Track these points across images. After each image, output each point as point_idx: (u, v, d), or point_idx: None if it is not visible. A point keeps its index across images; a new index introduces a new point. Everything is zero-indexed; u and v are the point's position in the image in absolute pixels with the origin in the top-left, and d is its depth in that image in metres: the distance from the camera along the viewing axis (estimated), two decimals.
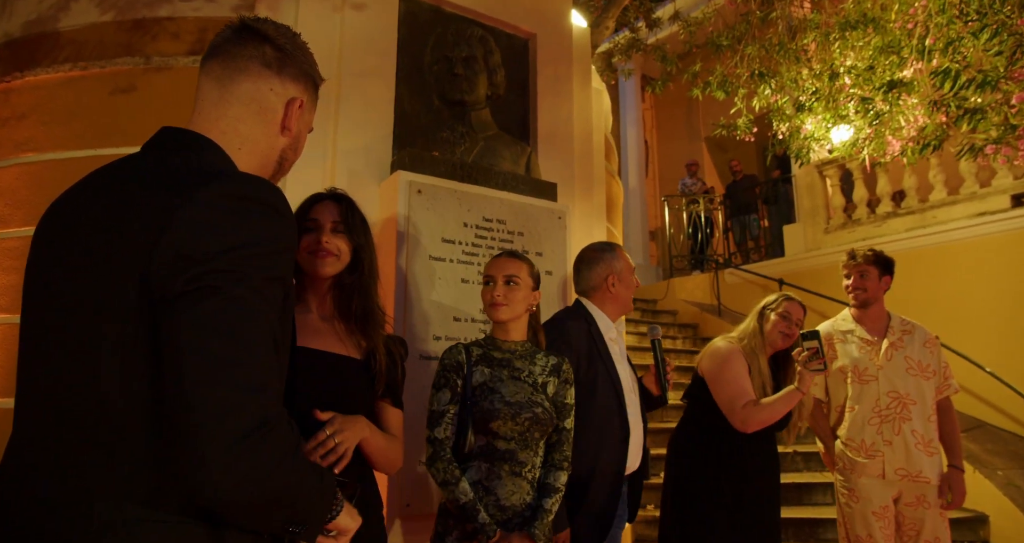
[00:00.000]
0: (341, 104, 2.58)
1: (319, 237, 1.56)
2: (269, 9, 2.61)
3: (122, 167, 0.95)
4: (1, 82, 2.90)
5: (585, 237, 3.21)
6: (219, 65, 1.04)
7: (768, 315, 2.51)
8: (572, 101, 3.31)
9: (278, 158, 1.10)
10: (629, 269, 2.32)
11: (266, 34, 1.06)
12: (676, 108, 11.61)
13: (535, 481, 1.79)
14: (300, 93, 1.09)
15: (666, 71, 6.85)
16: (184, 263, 0.80)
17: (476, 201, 2.60)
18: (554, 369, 1.90)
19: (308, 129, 1.16)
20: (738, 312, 7.78)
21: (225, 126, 1.02)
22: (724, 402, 2.35)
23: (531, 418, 1.75)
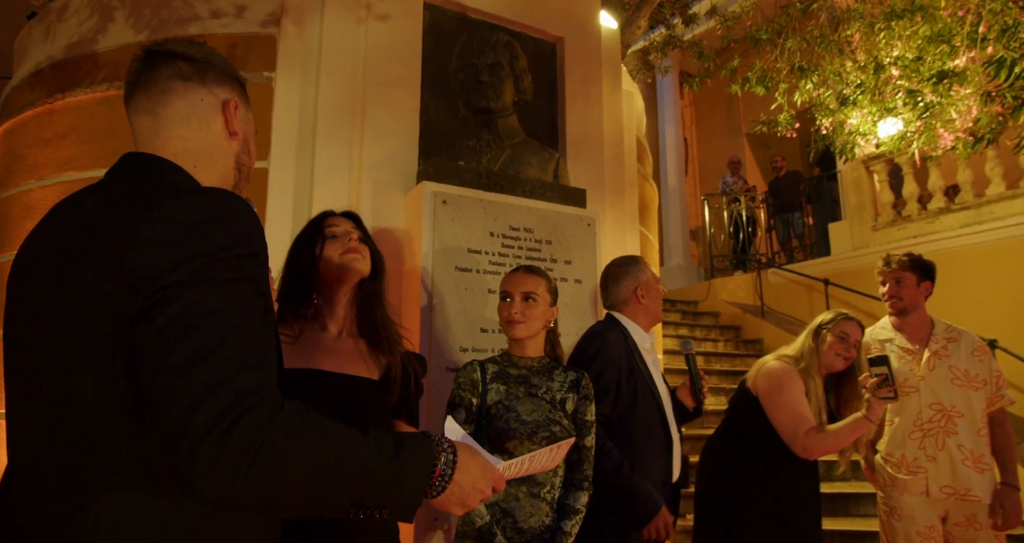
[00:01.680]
0: (367, 115, 2.59)
1: (345, 240, 1.59)
2: (294, 23, 2.64)
3: (91, 193, 0.97)
4: (44, 103, 3.00)
5: (616, 243, 3.15)
6: (143, 97, 1.03)
7: (824, 335, 2.39)
8: (602, 104, 3.25)
9: (235, 165, 1.09)
10: (655, 280, 2.31)
11: (173, 52, 1.04)
12: (716, 105, 11.38)
13: (555, 502, 1.74)
14: (230, 94, 1.08)
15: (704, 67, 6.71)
16: (143, 282, 0.81)
17: (502, 210, 2.57)
18: (573, 385, 1.85)
19: (254, 131, 1.15)
20: (782, 313, 7.57)
21: (173, 148, 1.01)
22: (784, 427, 2.26)
23: (549, 437, 1.70)
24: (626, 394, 2.07)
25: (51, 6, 3.32)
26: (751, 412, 2.35)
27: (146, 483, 0.83)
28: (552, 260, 2.64)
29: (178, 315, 0.80)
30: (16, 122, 3.15)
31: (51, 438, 0.86)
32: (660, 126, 10.86)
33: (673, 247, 10.26)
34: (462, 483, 0.94)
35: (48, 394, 0.86)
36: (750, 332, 7.54)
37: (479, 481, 0.96)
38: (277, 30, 2.68)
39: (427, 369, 1.74)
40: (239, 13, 2.76)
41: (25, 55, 3.39)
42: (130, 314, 0.81)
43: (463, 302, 2.43)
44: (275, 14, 2.72)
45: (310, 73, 2.62)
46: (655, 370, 2.23)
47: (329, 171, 2.52)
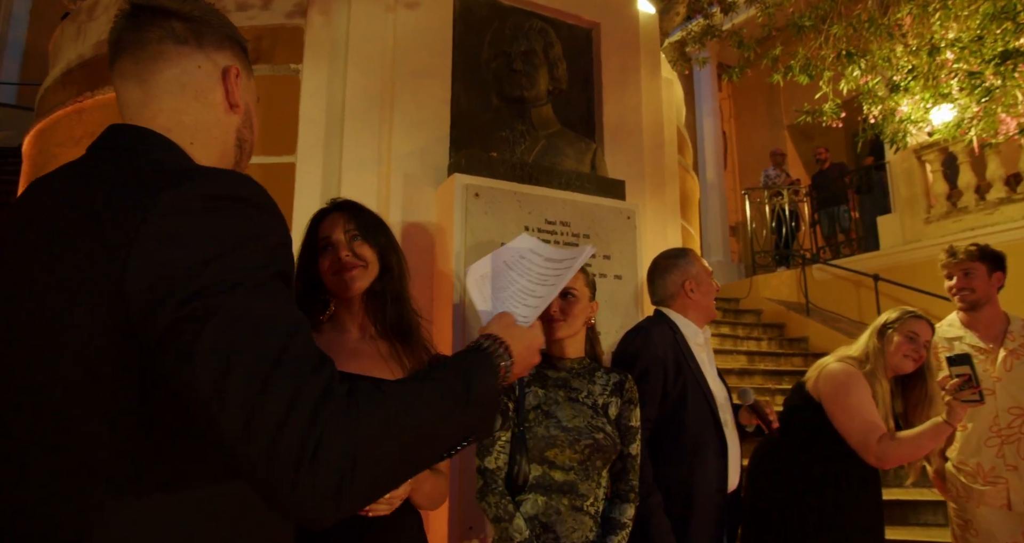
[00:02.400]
0: (396, 106, 2.50)
1: (337, 253, 1.45)
2: (321, 13, 2.55)
3: (76, 173, 0.82)
4: (74, 102, 2.98)
5: (657, 237, 3.00)
6: (130, 61, 0.88)
7: (890, 335, 2.21)
8: (640, 92, 3.11)
9: (236, 141, 0.95)
10: (706, 273, 2.14)
11: (166, 8, 0.89)
12: (755, 96, 11.07)
13: (598, 516, 1.60)
14: (231, 60, 0.93)
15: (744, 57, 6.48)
16: (164, 287, 0.68)
17: (537, 203, 2.45)
18: (616, 388, 1.72)
19: (256, 100, 1.01)
20: (828, 310, 7.29)
21: (165, 122, 0.87)
22: (854, 433, 2.10)
23: (592, 445, 1.58)
24: (674, 395, 1.93)
25: (81, 6, 3.31)
26: (812, 417, 2.18)
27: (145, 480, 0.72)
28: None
29: (226, 326, 0.67)
30: (49, 122, 3.15)
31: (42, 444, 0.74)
32: (698, 119, 10.61)
33: (712, 243, 10.00)
34: (520, 357, 0.94)
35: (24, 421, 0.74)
36: (794, 330, 7.28)
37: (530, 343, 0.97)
38: (304, 21, 2.60)
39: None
40: (265, 4, 2.69)
41: (58, 55, 3.39)
42: (156, 328, 0.68)
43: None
44: (301, 4, 2.65)
45: (337, 64, 2.53)
46: (709, 368, 2.08)
47: (357, 165, 2.43)
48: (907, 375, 2.23)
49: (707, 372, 2.04)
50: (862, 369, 2.18)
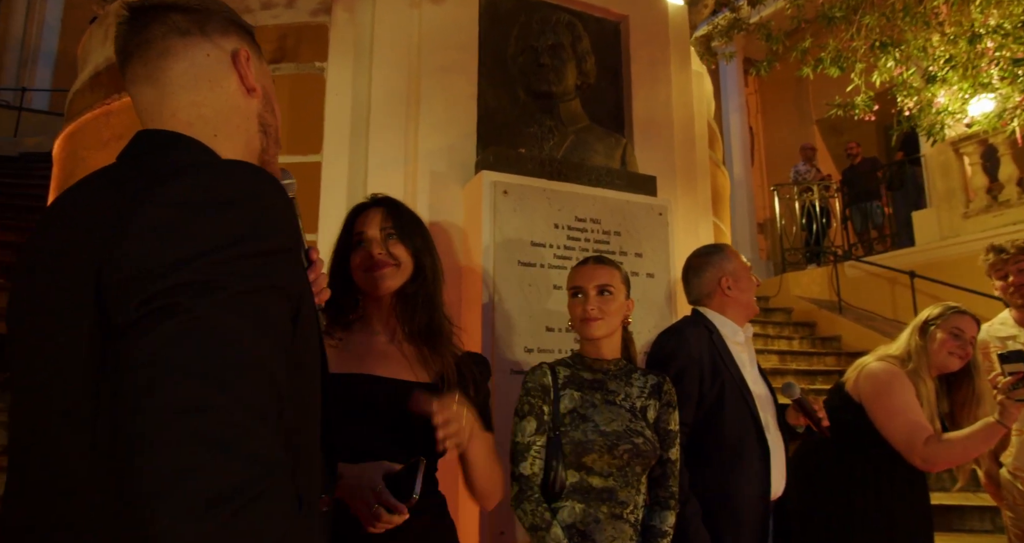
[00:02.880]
0: (422, 103, 2.45)
1: (369, 249, 1.41)
2: (346, 10, 2.52)
3: (94, 178, 0.81)
4: (102, 105, 2.99)
5: (690, 234, 2.92)
6: (139, 64, 0.85)
7: (933, 332, 2.12)
8: (670, 86, 3.03)
9: (259, 127, 0.91)
10: (744, 269, 2.05)
11: (163, 4, 0.87)
12: (783, 90, 10.87)
13: (638, 523, 1.54)
14: (238, 43, 0.89)
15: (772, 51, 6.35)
16: (141, 279, 0.62)
17: (567, 200, 2.39)
18: (654, 390, 1.65)
19: (272, 84, 0.96)
20: (861, 308, 7.12)
21: (186, 118, 0.83)
22: (898, 435, 2.01)
23: (631, 450, 1.51)
24: (711, 397, 1.85)
25: (109, 9, 3.33)
26: (854, 419, 2.10)
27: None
28: (622, 253, 2.44)
29: (179, 334, 0.59)
30: (77, 125, 3.17)
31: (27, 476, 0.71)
32: (724, 115, 10.46)
33: (740, 241, 9.84)
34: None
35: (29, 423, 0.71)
36: (826, 329, 7.12)
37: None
38: (328, 18, 2.57)
39: (491, 370, 1.56)
40: (290, 3, 2.67)
41: (86, 59, 3.41)
42: (122, 321, 0.61)
43: (527, 299, 2.26)
44: (326, 2, 2.62)
45: (363, 62, 2.50)
46: (750, 368, 1.99)
47: (384, 163, 2.39)
48: (952, 374, 2.14)
49: (748, 373, 1.95)
50: (904, 368, 2.10)
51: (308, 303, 0.79)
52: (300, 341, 0.74)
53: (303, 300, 0.75)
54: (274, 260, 0.68)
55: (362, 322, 1.45)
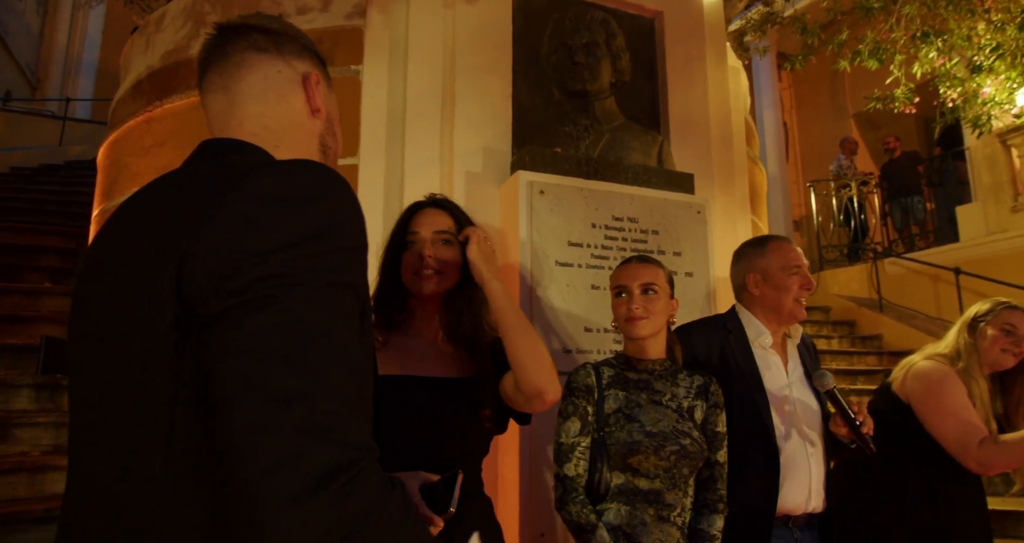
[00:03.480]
0: (457, 103, 2.45)
1: (420, 251, 1.39)
2: (380, 12, 2.53)
3: (160, 182, 0.84)
4: (144, 112, 3.06)
5: (728, 233, 2.87)
6: (215, 74, 0.90)
7: (983, 329, 2.04)
8: (706, 82, 2.98)
9: (319, 147, 0.94)
10: (783, 267, 1.87)
11: (247, 24, 0.93)
12: (818, 85, 10.66)
13: (685, 527, 1.51)
14: (310, 67, 0.94)
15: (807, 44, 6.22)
16: (227, 270, 0.64)
17: (604, 199, 2.36)
18: (701, 390, 1.62)
19: (338, 113, 1.01)
20: (903, 306, 6.94)
21: (251, 127, 0.87)
22: (951, 437, 1.93)
23: (678, 451, 1.48)
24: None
25: (149, 19, 3.40)
26: (902, 421, 2.03)
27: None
28: (660, 252, 2.41)
29: (271, 327, 0.62)
30: (121, 132, 3.24)
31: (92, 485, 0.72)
32: (757, 111, 10.29)
33: None
34: None
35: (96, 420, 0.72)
36: (866, 327, 6.96)
37: None
38: (363, 21, 2.59)
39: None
40: (325, 7, 2.69)
41: (128, 68, 3.50)
42: (210, 311, 0.64)
43: (565, 300, 2.24)
44: (360, 5, 2.64)
45: (397, 63, 2.51)
46: (781, 373, 1.86)
47: (420, 165, 2.40)
48: (1006, 372, 2.05)
49: (773, 377, 1.82)
50: (954, 367, 2.02)
51: (368, 309, 0.80)
52: (366, 337, 0.76)
53: (366, 304, 0.76)
54: (346, 257, 0.71)
55: (407, 323, 1.45)
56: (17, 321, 4.19)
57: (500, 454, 2.13)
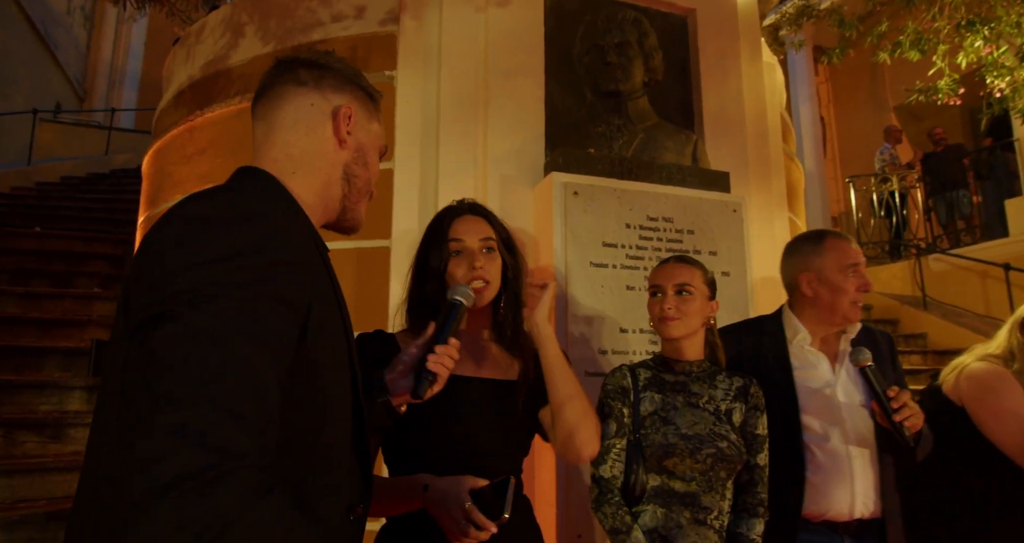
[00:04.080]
0: (490, 107, 2.47)
1: (472, 262, 1.38)
2: (413, 18, 2.57)
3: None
4: (186, 121, 3.15)
5: (765, 231, 2.84)
6: (262, 104, 1.01)
7: None
8: (740, 79, 2.95)
9: (342, 175, 1.00)
10: (838, 267, 1.77)
11: (296, 59, 1.02)
12: (857, 78, 10.42)
13: (723, 530, 1.49)
14: (346, 101, 1.01)
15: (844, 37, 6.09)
16: (146, 291, 0.71)
17: (638, 199, 2.35)
18: (740, 392, 1.59)
19: (379, 144, 1.07)
20: (948, 304, 6.74)
21: (277, 154, 0.96)
22: (1010, 440, 1.86)
23: (715, 454, 1.47)
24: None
25: (190, 30, 3.50)
26: (951, 423, 1.97)
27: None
28: (695, 251, 2.39)
29: (169, 338, 0.67)
30: (164, 141, 3.34)
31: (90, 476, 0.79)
32: (794, 106, 10.11)
33: None
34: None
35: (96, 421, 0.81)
36: (909, 326, 6.77)
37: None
38: (396, 27, 2.62)
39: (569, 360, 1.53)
40: (359, 14, 2.73)
41: (170, 79, 3.60)
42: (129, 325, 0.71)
43: (600, 301, 2.24)
44: (394, 11, 2.67)
45: (431, 68, 2.53)
46: (818, 372, 1.78)
47: (454, 168, 2.42)
48: None
49: (810, 378, 1.76)
50: (1009, 368, 1.95)
51: (329, 312, 0.85)
52: (314, 348, 0.80)
53: (316, 309, 0.80)
54: (272, 272, 0.74)
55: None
56: (69, 325, 4.34)
57: (537, 454, 2.14)
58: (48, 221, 6.66)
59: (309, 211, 0.96)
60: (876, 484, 1.71)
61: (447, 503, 1.14)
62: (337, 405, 0.86)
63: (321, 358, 0.82)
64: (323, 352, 0.82)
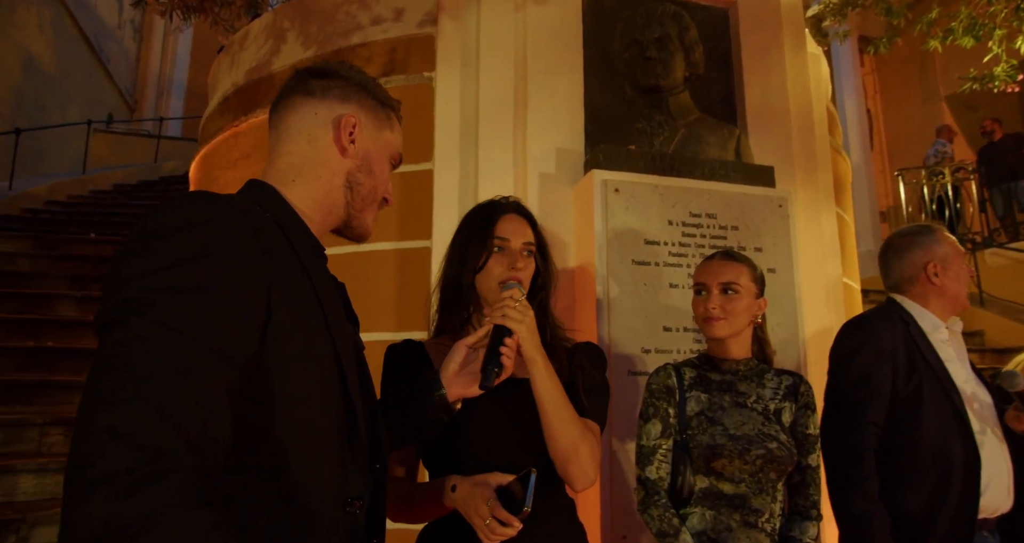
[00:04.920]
0: (529, 106, 2.46)
1: (514, 263, 1.36)
2: (452, 19, 2.57)
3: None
4: (231, 127, 3.22)
5: (812, 226, 2.76)
6: (273, 113, 1.03)
7: None
8: (784, 71, 2.87)
9: (344, 182, 1.01)
10: (957, 255, 1.82)
11: (311, 69, 1.05)
12: (905, 68, 10.09)
13: (775, 533, 1.45)
14: (352, 111, 1.03)
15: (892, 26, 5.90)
16: (102, 301, 0.75)
17: (680, 195, 2.31)
18: (789, 391, 1.55)
19: (390, 152, 1.07)
20: (1006, 300, 6.47)
21: (281, 164, 1.00)
22: None
23: (764, 455, 1.43)
24: (906, 396, 1.68)
25: (234, 38, 3.58)
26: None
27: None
28: (740, 247, 2.34)
29: (116, 344, 0.69)
30: (210, 147, 3.42)
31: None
32: (838, 99, 9.84)
33: (862, 231, 9.20)
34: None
35: None
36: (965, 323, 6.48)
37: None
38: (435, 29, 2.63)
39: (606, 359, 1.49)
40: (397, 17, 2.76)
41: (216, 86, 3.69)
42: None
43: (642, 299, 2.21)
44: (432, 13, 2.68)
45: (469, 68, 2.54)
46: (960, 366, 1.76)
47: (493, 168, 2.42)
48: None
49: (956, 371, 1.74)
50: None
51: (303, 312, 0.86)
52: (277, 348, 0.81)
53: (279, 310, 0.81)
54: (220, 274, 0.76)
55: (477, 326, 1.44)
56: None
57: None
58: (103, 227, 6.91)
59: (307, 217, 0.98)
60: (1013, 479, 1.70)
61: (474, 501, 1.14)
62: (314, 403, 0.87)
63: (288, 358, 0.83)
64: (290, 352, 0.83)
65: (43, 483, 3.08)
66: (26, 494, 3.02)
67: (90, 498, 0.60)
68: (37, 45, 9.52)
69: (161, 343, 0.69)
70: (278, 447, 0.82)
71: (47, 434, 3.37)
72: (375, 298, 2.52)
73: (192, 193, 0.91)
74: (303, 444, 0.85)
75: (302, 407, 0.85)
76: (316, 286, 0.92)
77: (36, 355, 4.07)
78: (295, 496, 0.83)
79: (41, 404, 3.67)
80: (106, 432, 0.63)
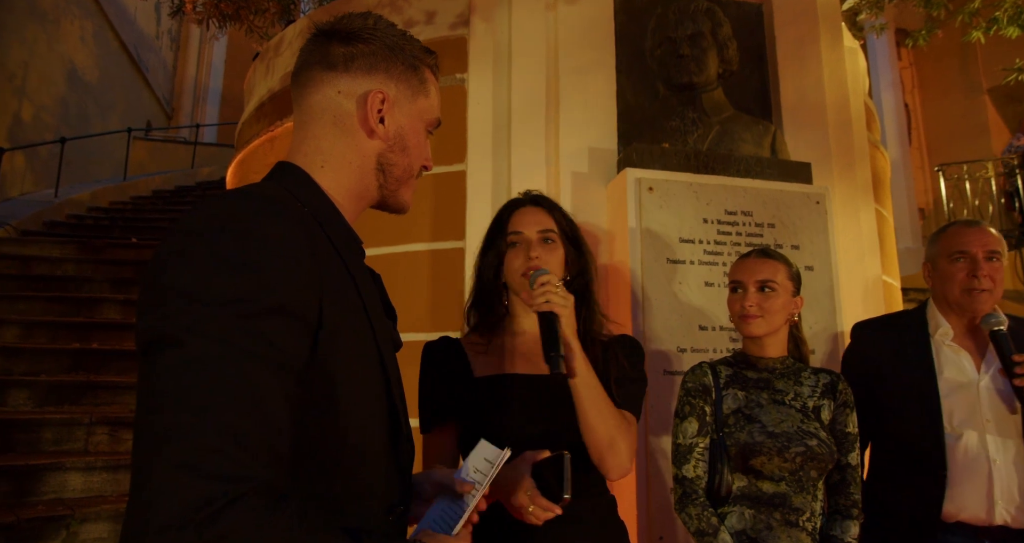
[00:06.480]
0: (561, 105, 2.46)
1: (527, 253, 1.36)
2: (483, 20, 2.59)
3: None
4: (267, 132, 3.28)
5: (850, 223, 2.71)
6: (295, 88, 0.93)
7: None
8: (820, 65, 2.83)
9: (376, 165, 0.92)
10: (946, 255, 1.75)
11: (331, 31, 0.91)
12: (945, 60, 9.83)
13: (816, 532, 1.43)
14: (379, 84, 0.91)
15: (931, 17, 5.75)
16: (146, 309, 0.69)
17: (715, 193, 2.29)
18: (827, 389, 1.52)
19: (427, 120, 0.96)
20: None
21: (307, 148, 0.90)
22: None
23: (804, 453, 1.40)
24: (884, 401, 1.73)
25: (268, 44, 3.65)
26: None
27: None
28: (777, 245, 2.30)
29: (169, 368, 0.64)
30: (246, 152, 3.49)
31: None
32: (875, 94, 9.64)
33: (900, 228, 8.99)
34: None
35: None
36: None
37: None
38: (467, 30, 2.65)
39: (643, 352, 1.46)
40: (429, 19, 2.78)
41: (251, 93, 3.76)
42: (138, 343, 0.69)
43: (677, 298, 2.19)
44: (464, 15, 2.70)
45: (501, 69, 2.55)
46: (960, 368, 1.71)
47: (526, 168, 2.42)
48: None
49: (954, 372, 1.70)
50: None
51: (349, 313, 0.81)
52: (330, 353, 0.76)
53: (329, 311, 0.76)
54: (271, 280, 0.70)
55: (509, 322, 1.45)
56: None
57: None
58: (143, 232, 7.10)
59: (341, 205, 0.91)
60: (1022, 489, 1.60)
61: (509, 488, 1.12)
62: (365, 407, 0.83)
63: (340, 361, 0.79)
64: (342, 355, 0.79)
65: (90, 481, 3.18)
66: (75, 491, 3.12)
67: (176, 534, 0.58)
68: (80, 56, 9.83)
69: (220, 363, 0.65)
70: (334, 454, 0.79)
71: (93, 433, 3.48)
72: (410, 299, 2.54)
73: (271, 178, 0.88)
74: (356, 450, 0.82)
75: (354, 413, 0.82)
76: (358, 284, 0.87)
77: (82, 357, 4.20)
78: (349, 504, 0.80)
79: (88, 404, 3.79)
80: (175, 466, 0.60)
